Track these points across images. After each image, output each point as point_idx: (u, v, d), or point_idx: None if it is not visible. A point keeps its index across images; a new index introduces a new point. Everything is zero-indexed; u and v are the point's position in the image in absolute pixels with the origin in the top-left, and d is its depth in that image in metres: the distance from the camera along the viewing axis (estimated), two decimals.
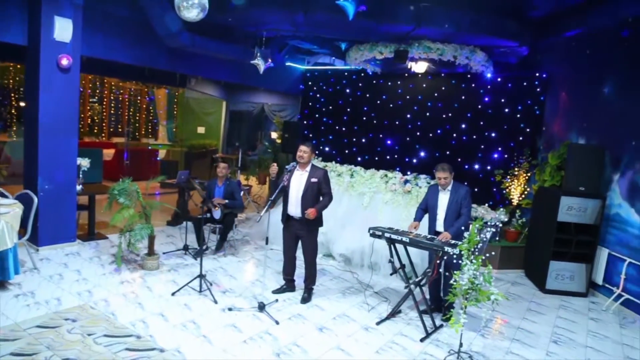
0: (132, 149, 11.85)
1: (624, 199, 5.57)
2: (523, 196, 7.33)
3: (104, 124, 14.71)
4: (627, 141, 5.57)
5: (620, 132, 5.72)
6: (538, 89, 7.77)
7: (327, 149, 10.01)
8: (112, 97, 14.68)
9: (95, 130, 14.12)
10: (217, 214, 6.23)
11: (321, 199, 4.93)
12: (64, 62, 5.70)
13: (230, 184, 6.43)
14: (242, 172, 10.88)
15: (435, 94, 8.91)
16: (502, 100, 8.19)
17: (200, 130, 15.11)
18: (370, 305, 5.12)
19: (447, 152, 8.75)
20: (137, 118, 14.56)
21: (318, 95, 10.25)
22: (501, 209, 7.02)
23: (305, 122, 10.34)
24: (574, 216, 5.79)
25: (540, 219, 6.38)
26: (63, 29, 5.66)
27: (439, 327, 4.63)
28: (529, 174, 7.37)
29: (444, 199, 4.81)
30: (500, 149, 8.22)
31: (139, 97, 14.27)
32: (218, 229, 6.70)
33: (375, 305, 5.14)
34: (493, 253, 6.15)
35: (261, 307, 4.66)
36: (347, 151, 9.83)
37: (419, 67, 8.46)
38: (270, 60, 7.42)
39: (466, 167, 8.49)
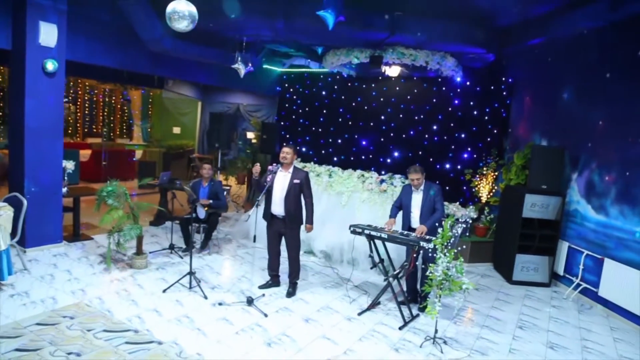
0: (108, 150, 11.83)
1: (582, 196, 6.09)
2: (491, 194, 7.82)
3: (78, 125, 14.55)
4: (584, 143, 6.09)
5: (578, 135, 6.23)
6: (504, 93, 8.29)
7: (304, 149, 10.29)
8: (86, 98, 14.54)
9: (70, 131, 13.96)
10: (202, 213, 6.42)
11: (303, 203, 5.25)
12: (50, 66, 5.80)
13: (215, 185, 6.65)
14: (222, 172, 11.06)
15: (408, 97, 9.31)
16: (471, 103, 8.65)
17: (176, 130, 15.18)
18: (351, 297, 5.45)
19: (420, 153, 9.17)
20: (112, 118, 14.48)
21: (295, 97, 10.51)
22: (471, 207, 7.49)
23: (282, 123, 10.57)
24: (537, 212, 6.28)
25: (507, 216, 6.86)
26: (48, 34, 5.76)
27: (416, 316, 5.01)
28: (496, 173, 7.86)
29: (417, 199, 5.18)
30: (469, 149, 8.70)
31: (113, 98, 14.18)
32: (202, 228, 6.92)
33: (356, 297, 5.48)
34: (464, 247, 6.57)
35: (249, 301, 4.93)
36: (323, 151, 10.14)
37: (393, 71, 8.86)
38: (250, 65, 7.65)
39: (437, 166, 8.93)
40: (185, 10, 4.35)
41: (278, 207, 5.21)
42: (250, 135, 15.01)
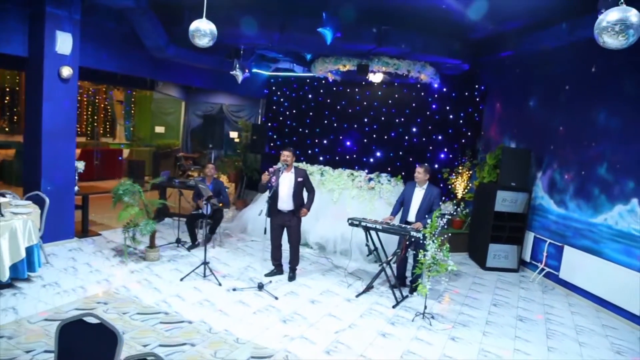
0: (98, 149, 12.08)
1: (545, 192, 6.98)
2: (466, 191, 8.66)
3: None
4: (547, 146, 6.97)
5: (542, 138, 7.11)
6: (477, 99, 9.15)
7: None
8: None
9: None
10: (207, 210, 6.96)
11: (306, 195, 5.89)
12: (65, 72, 6.21)
13: (217, 183, 7.18)
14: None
15: (390, 101, 10.06)
16: (447, 107, 9.49)
17: (160, 129, 15.47)
18: (348, 282, 6.13)
19: (400, 153, 9.96)
20: (96, 118, 14.63)
21: (282, 100, 11.08)
22: (448, 202, 8.30)
23: (269, 124, 11.14)
24: (507, 206, 7.12)
25: (481, 210, 7.69)
26: (64, 43, 6.17)
27: (405, 297, 5.73)
28: (470, 172, 8.70)
29: (419, 194, 5.88)
30: (446, 149, 9.55)
31: (97, 97, 14.36)
32: (205, 223, 7.43)
33: (352, 283, 6.16)
34: (444, 237, 7.34)
35: (260, 286, 5.53)
36: (310, 151, 10.77)
37: (376, 77, 9.55)
38: (247, 71, 8.19)
39: (417, 165, 9.72)
40: (207, 28, 4.88)
41: (285, 203, 5.81)
42: (232, 135, 15.49)
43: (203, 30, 4.90)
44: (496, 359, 4.34)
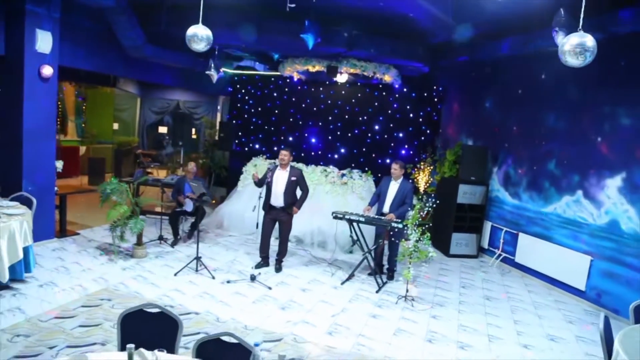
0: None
1: (501, 185, 7.80)
2: (427, 184, 9.38)
3: None
4: (502, 143, 7.79)
5: (497, 137, 7.92)
6: (436, 99, 9.90)
7: (257, 146, 11.16)
8: None
9: None
10: (189, 206, 7.14)
11: (299, 193, 6.28)
12: (45, 71, 6.14)
13: (198, 181, 7.36)
14: (164, 167, 11.51)
15: (353, 100, 10.59)
16: (408, 107, 10.17)
17: (114, 126, 15.08)
18: (331, 272, 6.59)
19: (364, 149, 10.54)
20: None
21: (247, 98, 11.25)
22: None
23: (234, 121, 11.29)
24: (468, 199, 7.87)
25: (444, 202, 8.39)
26: (44, 41, 6.10)
27: (385, 283, 6.27)
28: (431, 167, 9.42)
29: (393, 188, 6.42)
30: (406, 146, 10.24)
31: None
32: (183, 219, 7.59)
33: (334, 272, 6.62)
34: (426, 226, 8.00)
35: (252, 278, 5.86)
36: (275, 148, 11.03)
37: (342, 78, 10.04)
38: (222, 71, 8.38)
39: (379, 161, 10.37)
40: (204, 34, 5.10)
41: (278, 200, 6.15)
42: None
43: (200, 36, 5.11)
44: (473, 332, 4.97)
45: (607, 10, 5.51)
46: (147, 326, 2.84)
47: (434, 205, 5.96)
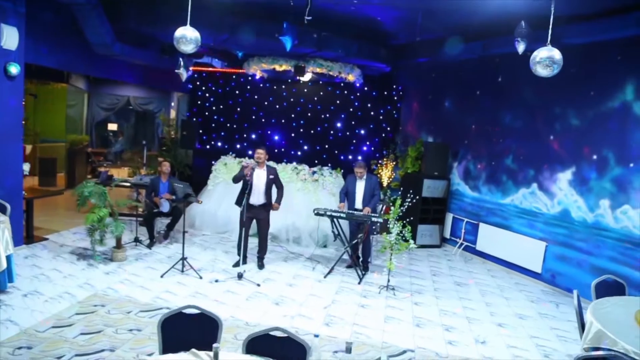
0: None
1: (461, 179, 8.42)
2: (391, 179, 9.86)
3: None
4: (462, 141, 8.39)
5: (456, 134, 8.52)
6: (395, 98, 10.39)
7: (219, 144, 11.11)
8: None
9: None
10: (165, 207, 7.07)
11: (276, 191, 6.43)
12: (12, 70, 5.83)
13: (174, 181, 7.28)
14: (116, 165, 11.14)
15: (315, 98, 10.83)
16: (369, 105, 10.58)
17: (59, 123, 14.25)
18: (311, 266, 6.84)
19: (326, 146, 10.84)
20: None
21: (207, 95, 11.13)
22: None
23: (194, 119, 11.13)
24: (431, 192, 8.41)
25: (409, 196, 8.88)
26: (10, 37, 5.78)
27: (363, 275, 6.61)
28: (394, 163, 9.91)
29: (360, 186, 6.75)
30: (368, 143, 10.67)
31: None
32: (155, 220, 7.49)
33: (314, 266, 6.88)
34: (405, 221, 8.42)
35: (240, 276, 5.97)
36: (238, 146, 11.08)
37: (305, 76, 10.26)
38: (191, 69, 8.28)
39: (342, 157, 10.72)
40: (192, 36, 5.12)
41: (259, 198, 6.28)
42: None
43: (189, 38, 5.14)
44: (453, 315, 5.45)
45: (560, 24, 6.15)
46: (187, 328, 2.94)
47: (414, 200, 6.34)
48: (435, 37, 8.30)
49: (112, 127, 13.95)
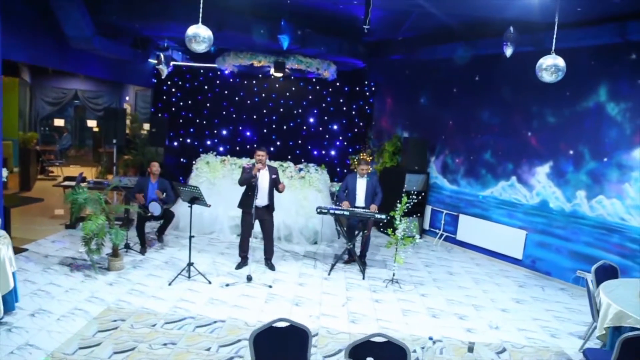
0: None
1: (439, 173, 8.84)
2: None
3: None
4: (439, 136, 8.80)
5: (433, 130, 8.91)
6: (368, 93, 10.61)
7: (188, 140, 10.73)
8: None
9: None
10: (157, 210, 6.75)
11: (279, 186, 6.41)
12: None
13: (163, 182, 6.97)
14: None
15: (287, 94, 10.79)
16: (341, 100, 10.73)
17: None
18: (312, 264, 6.90)
19: (299, 141, 10.88)
20: None
21: (174, 90, 10.70)
22: None
23: (159, 115, 10.65)
24: (411, 186, 8.75)
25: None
26: None
27: (364, 270, 6.78)
28: (371, 158, 10.15)
29: (362, 183, 6.90)
30: (340, 138, 10.83)
31: None
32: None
33: (314, 264, 6.94)
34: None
35: (249, 279, 5.90)
36: (209, 142, 10.79)
37: (278, 72, 10.16)
38: (171, 65, 7.90)
39: (315, 153, 10.82)
40: (206, 35, 4.94)
41: (264, 199, 6.20)
42: (91, 124, 14.03)
43: (202, 37, 4.97)
44: (459, 303, 5.79)
45: (541, 29, 6.63)
46: (278, 342, 2.92)
47: (418, 199, 6.58)
48: (413, 35, 8.60)
49: (59, 122, 12.94)
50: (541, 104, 7.16)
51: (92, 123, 13.56)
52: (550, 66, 4.94)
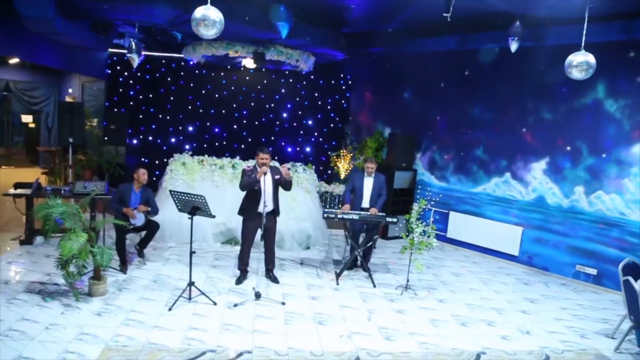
0: None
1: (426, 169, 8.63)
2: (348, 172, 9.66)
3: None
4: (425, 132, 8.58)
5: (419, 125, 8.67)
6: (344, 87, 10.16)
7: (150, 138, 9.66)
8: None
9: None
10: (140, 220, 5.87)
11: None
12: None
13: (146, 191, 6.07)
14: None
15: (258, 87, 10.06)
16: (316, 94, 10.19)
17: None
18: (315, 273, 6.38)
19: (272, 138, 10.21)
20: None
21: (131, 82, 9.56)
22: (337, 184, 9.19)
23: (115, 109, 9.48)
24: (399, 184, 8.47)
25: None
26: None
27: (370, 276, 6.37)
28: (351, 154, 9.73)
29: (369, 183, 6.47)
30: (316, 134, 10.31)
31: None
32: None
33: (316, 272, 6.42)
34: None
35: (258, 296, 5.25)
36: (173, 139, 9.80)
37: (249, 62, 9.39)
38: (143, 54, 6.91)
39: (289, 149, 10.22)
40: (217, 18, 4.24)
41: (269, 204, 5.53)
42: (26, 119, 12.37)
43: (212, 20, 4.28)
44: (479, 308, 5.59)
45: (538, 26, 6.55)
46: None
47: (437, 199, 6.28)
48: (401, 27, 8.26)
49: None
50: (537, 100, 7.13)
51: (27, 118, 11.89)
52: (582, 63, 4.81)
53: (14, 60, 10.63)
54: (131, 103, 9.52)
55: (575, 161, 6.77)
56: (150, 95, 9.58)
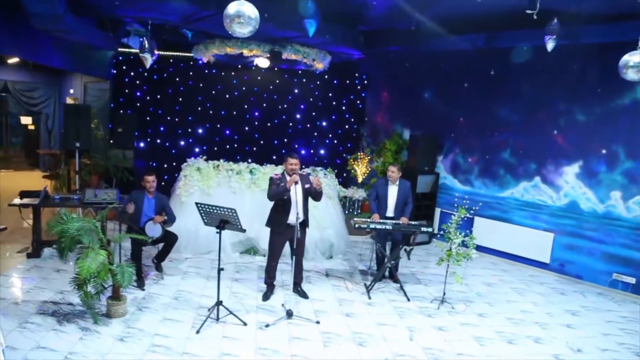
0: None
1: (448, 173, 8.30)
2: (365, 175, 9.29)
3: None
4: (448, 133, 8.24)
5: (441, 127, 8.33)
6: (359, 87, 9.80)
7: (158, 141, 9.23)
8: None
9: None
10: (157, 232, 5.48)
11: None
12: None
13: (161, 198, 5.69)
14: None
15: (271, 87, 9.66)
16: (330, 94, 9.81)
17: None
18: (343, 286, 6.02)
19: (285, 140, 9.84)
20: None
21: (138, 82, 9.11)
22: (355, 188, 8.82)
23: (121, 111, 9.04)
24: (422, 188, 8.13)
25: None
26: None
27: (402, 287, 6.02)
28: (369, 157, 9.35)
29: (393, 191, 6.13)
30: (330, 135, 9.94)
31: None
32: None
33: (345, 285, 6.06)
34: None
35: (290, 314, 4.90)
36: (182, 142, 9.39)
37: (263, 62, 8.98)
38: (156, 53, 6.50)
39: (303, 152, 9.84)
40: (253, 14, 3.85)
41: (298, 214, 5.15)
42: (25, 120, 11.90)
43: (247, 17, 3.88)
44: (521, 322, 5.28)
45: (576, 23, 6.23)
46: None
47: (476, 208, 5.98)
48: (422, 25, 7.89)
49: None
50: (569, 102, 6.82)
51: (26, 120, 11.40)
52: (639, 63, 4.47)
53: (13, 60, 10.18)
54: (138, 104, 9.09)
55: (611, 165, 6.47)
56: (158, 96, 9.16)
